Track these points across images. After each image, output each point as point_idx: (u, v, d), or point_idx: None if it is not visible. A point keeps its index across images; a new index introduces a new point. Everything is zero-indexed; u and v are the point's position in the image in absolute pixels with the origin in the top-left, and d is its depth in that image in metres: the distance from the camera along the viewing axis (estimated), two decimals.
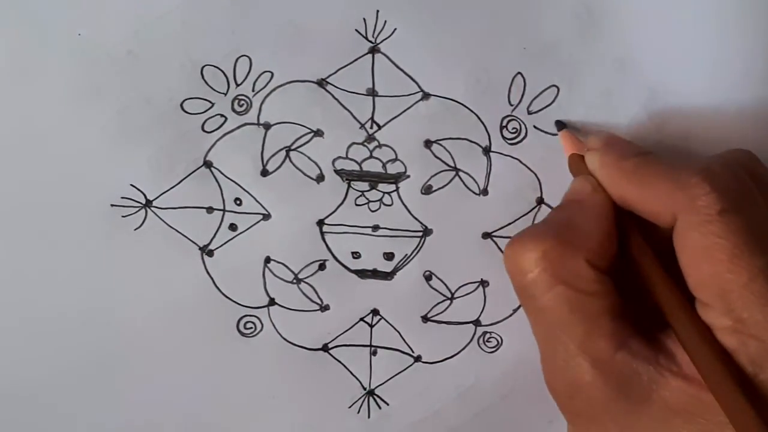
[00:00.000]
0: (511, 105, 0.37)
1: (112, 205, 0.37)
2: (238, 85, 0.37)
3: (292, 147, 0.37)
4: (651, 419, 0.30)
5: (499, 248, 0.38)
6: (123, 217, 0.37)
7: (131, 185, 0.37)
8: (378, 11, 0.36)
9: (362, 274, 0.38)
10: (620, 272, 0.32)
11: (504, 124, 0.37)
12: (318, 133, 0.37)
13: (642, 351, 0.30)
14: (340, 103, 0.37)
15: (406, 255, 0.38)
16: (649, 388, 0.30)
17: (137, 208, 0.37)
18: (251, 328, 0.38)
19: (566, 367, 0.31)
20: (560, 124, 0.37)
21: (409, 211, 0.38)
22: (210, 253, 0.38)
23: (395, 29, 0.36)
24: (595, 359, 0.30)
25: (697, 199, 0.29)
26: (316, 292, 0.38)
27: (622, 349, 0.30)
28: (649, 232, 0.32)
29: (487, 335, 0.39)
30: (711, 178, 0.29)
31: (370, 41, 0.37)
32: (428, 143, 0.37)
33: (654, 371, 0.30)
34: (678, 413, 0.29)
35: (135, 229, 0.37)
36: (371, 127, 0.37)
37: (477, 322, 0.39)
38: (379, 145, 0.37)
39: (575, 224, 0.32)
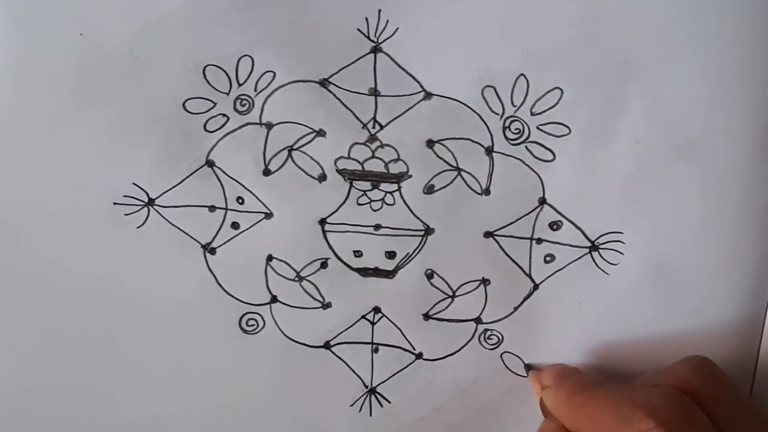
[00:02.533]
0: (514, 106, 0.37)
1: (114, 204, 0.37)
2: (240, 85, 0.37)
3: (294, 147, 0.37)
4: None
5: (501, 248, 0.38)
6: (125, 215, 0.37)
7: (134, 184, 0.37)
8: (380, 10, 0.36)
9: (364, 272, 0.38)
10: None
11: (507, 124, 0.37)
12: (320, 132, 0.37)
13: None
14: (343, 103, 0.37)
15: (408, 254, 0.38)
16: None
17: (140, 207, 0.37)
18: (253, 325, 0.38)
19: None
20: (528, 367, 0.39)
21: (411, 211, 0.38)
22: (212, 251, 0.38)
23: (397, 29, 0.36)
24: None
25: None
26: (318, 290, 0.38)
27: None
28: None
29: (488, 333, 0.39)
30: (654, 413, 0.31)
31: (372, 41, 0.36)
32: (430, 143, 0.37)
33: None
34: None
35: (137, 228, 0.37)
36: (373, 127, 0.37)
37: (478, 320, 0.39)
38: (381, 145, 0.37)
39: None
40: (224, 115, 0.37)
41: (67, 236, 0.37)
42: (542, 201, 0.38)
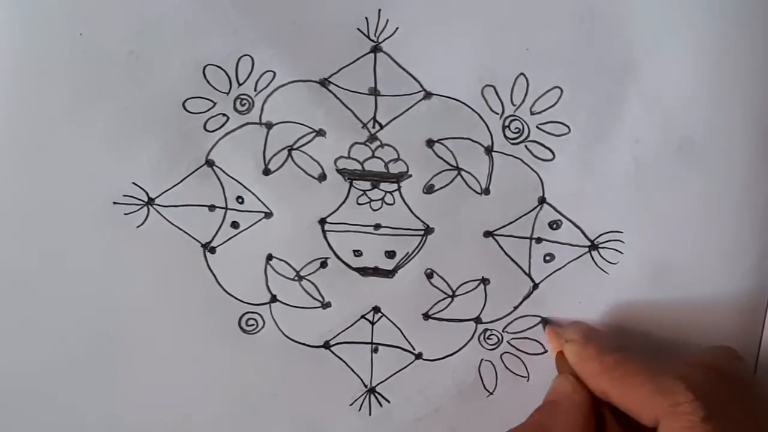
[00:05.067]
0: (514, 105, 0.37)
1: (114, 203, 0.37)
2: (240, 85, 0.37)
3: (294, 146, 0.37)
4: None
5: (501, 247, 0.38)
6: (125, 214, 0.37)
7: (133, 183, 0.37)
8: (380, 10, 0.36)
9: (364, 271, 0.38)
10: None
11: (506, 123, 0.37)
12: (320, 132, 0.37)
13: None
14: (342, 103, 0.37)
15: (408, 253, 0.38)
16: None
17: (139, 206, 0.37)
18: (253, 325, 0.38)
19: None
20: (545, 321, 0.38)
21: (411, 210, 0.38)
22: (212, 251, 0.38)
23: (397, 28, 0.36)
24: None
25: (680, 406, 0.31)
26: (318, 290, 0.39)
27: None
28: (630, 422, 0.33)
29: (488, 332, 0.39)
30: (693, 387, 0.31)
31: (372, 40, 0.36)
32: (430, 143, 0.37)
33: None
34: None
35: (137, 227, 0.37)
36: (373, 127, 0.37)
37: (478, 320, 0.39)
38: (381, 145, 0.37)
39: (550, 429, 0.34)
40: (224, 114, 0.37)
41: (67, 235, 0.37)
42: (542, 200, 0.38)
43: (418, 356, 0.39)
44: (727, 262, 0.38)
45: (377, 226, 0.38)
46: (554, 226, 0.38)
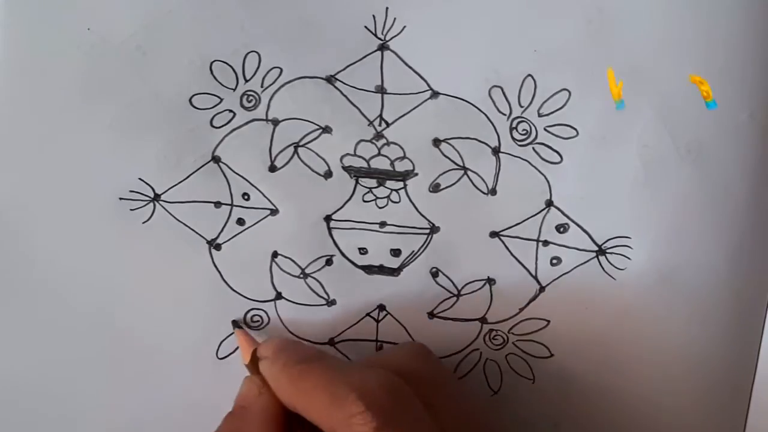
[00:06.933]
0: (522, 107, 0.37)
1: (120, 199, 0.37)
2: (246, 81, 0.37)
3: (301, 143, 0.37)
4: None
5: (507, 248, 0.38)
6: (131, 210, 0.37)
7: (140, 179, 0.37)
8: (387, 8, 0.36)
9: (369, 269, 0.38)
10: None
11: (514, 125, 0.37)
12: (326, 129, 0.37)
13: None
14: (349, 100, 0.37)
15: (413, 251, 0.38)
16: None
17: (145, 202, 0.37)
18: (258, 321, 0.39)
19: None
20: (235, 323, 0.38)
21: (417, 209, 0.38)
22: (218, 247, 0.38)
23: (405, 27, 0.36)
24: None
25: (352, 417, 0.29)
26: (323, 287, 0.38)
27: None
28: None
29: (493, 332, 0.39)
30: (366, 397, 0.30)
31: (380, 38, 0.36)
32: (437, 142, 0.37)
33: None
34: None
35: (143, 223, 0.38)
36: (380, 125, 0.37)
37: (483, 320, 0.39)
38: (388, 143, 0.37)
39: None
40: (231, 110, 0.37)
41: (73, 231, 0.37)
42: (549, 203, 0.37)
43: None
44: (730, 263, 0.38)
45: (383, 224, 0.38)
46: (561, 229, 0.37)
